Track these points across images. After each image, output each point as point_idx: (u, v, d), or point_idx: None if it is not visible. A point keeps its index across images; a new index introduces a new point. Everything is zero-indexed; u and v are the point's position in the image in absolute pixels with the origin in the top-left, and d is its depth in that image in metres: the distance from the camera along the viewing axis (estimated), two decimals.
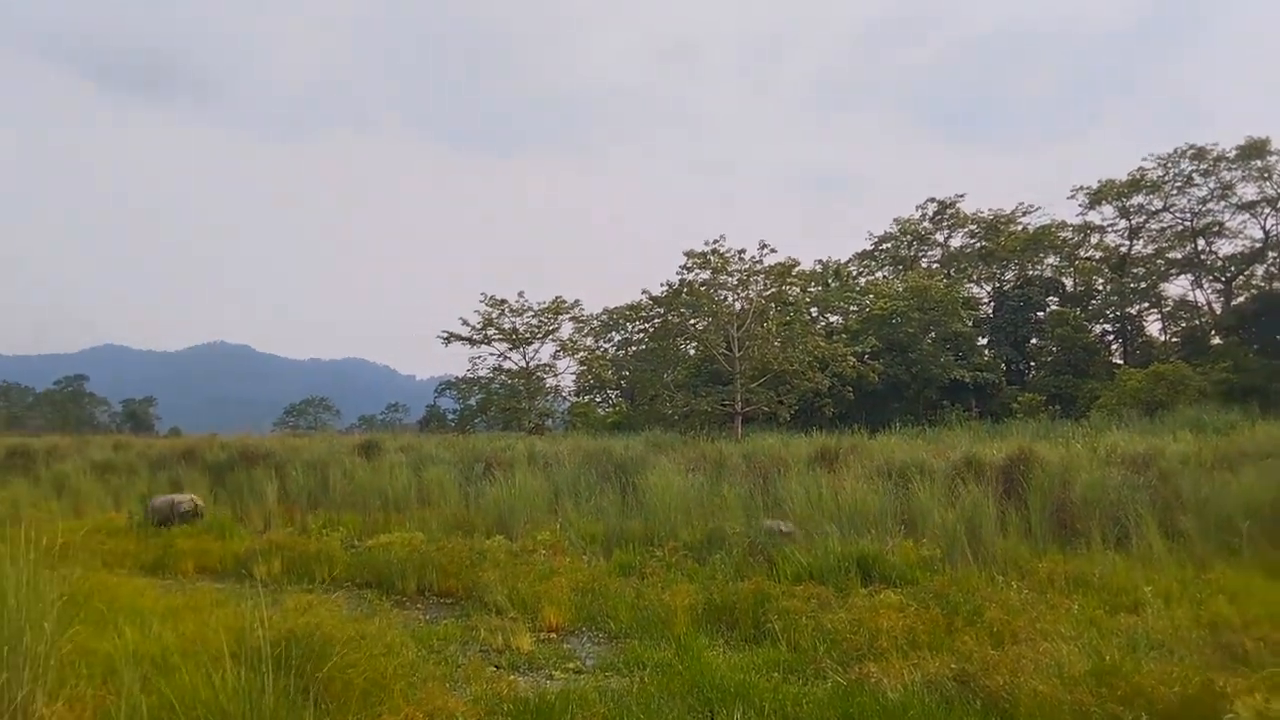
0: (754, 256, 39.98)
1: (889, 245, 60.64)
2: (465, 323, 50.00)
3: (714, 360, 42.06)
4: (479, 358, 51.45)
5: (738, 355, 39.29)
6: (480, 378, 52.43)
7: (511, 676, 6.92)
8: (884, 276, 58.25)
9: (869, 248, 61.41)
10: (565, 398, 58.14)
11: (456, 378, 54.19)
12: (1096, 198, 51.52)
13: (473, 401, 53.80)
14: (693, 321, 43.16)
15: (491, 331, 50.18)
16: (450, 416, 60.84)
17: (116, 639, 6.39)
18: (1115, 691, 5.46)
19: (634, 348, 58.92)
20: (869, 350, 43.03)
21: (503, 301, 49.50)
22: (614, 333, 62.26)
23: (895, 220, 60.03)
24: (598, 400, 62.86)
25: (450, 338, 50.49)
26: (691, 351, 47.81)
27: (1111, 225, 52.74)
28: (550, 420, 53.65)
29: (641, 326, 55.90)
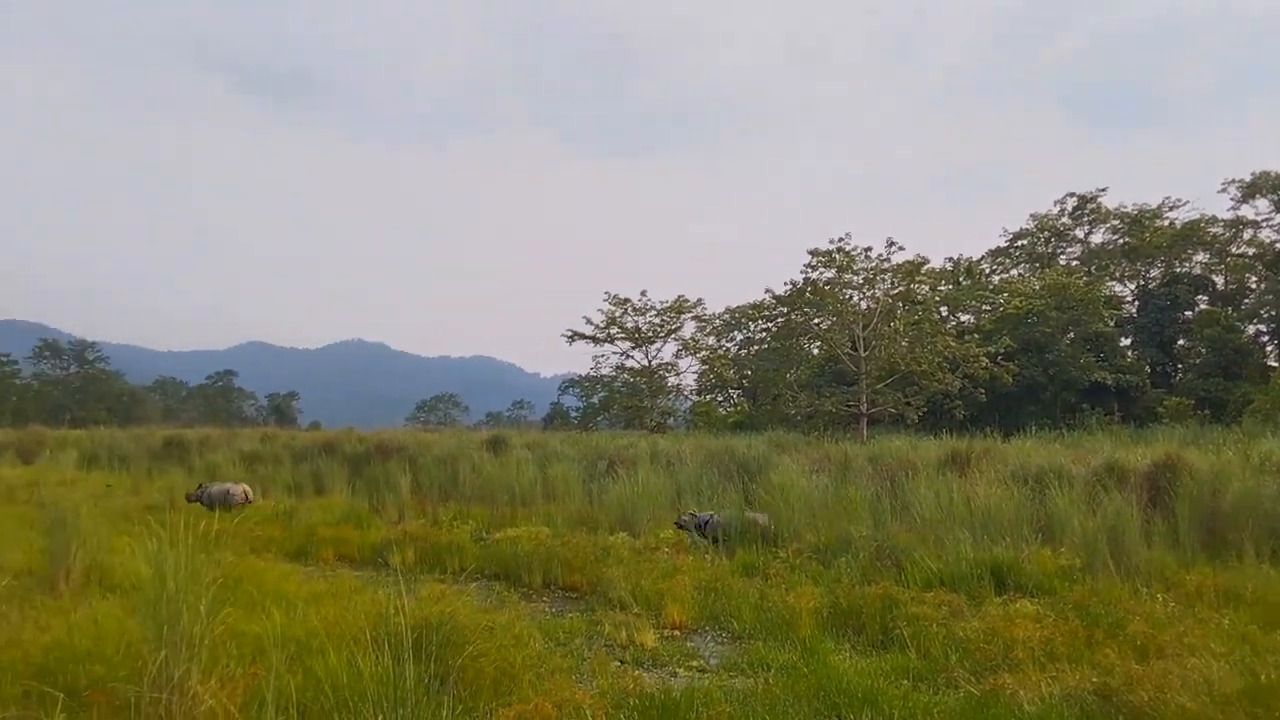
0: (881, 254, 39.10)
1: (1025, 242, 58.24)
2: (589, 322, 50.67)
3: (838, 360, 41.36)
4: (602, 356, 52.05)
5: (863, 355, 38.52)
6: (603, 376, 53.02)
7: (636, 672, 6.97)
8: (1019, 274, 55.93)
9: (1003, 244, 59.12)
10: (687, 397, 58.20)
11: (580, 376, 54.99)
12: (1250, 191, 48.30)
13: (595, 399, 54.47)
14: (816, 321, 42.51)
15: (614, 330, 50.67)
16: (573, 414, 61.72)
17: (265, 622, 6.74)
18: (1273, 713, 5.12)
19: (756, 347, 58.51)
20: (1002, 351, 41.38)
21: (625, 300, 49.90)
22: (736, 332, 61.98)
23: (1032, 216, 57.64)
24: (719, 399, 62.70)
25: (574, 336, 51.25)
26: (815, 351, 47.09)
27: (1267, 220, 49.27)
28: (672, 419, 53.78)
29: (764, 326, 55.45)
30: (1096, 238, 56.11)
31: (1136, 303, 52.23)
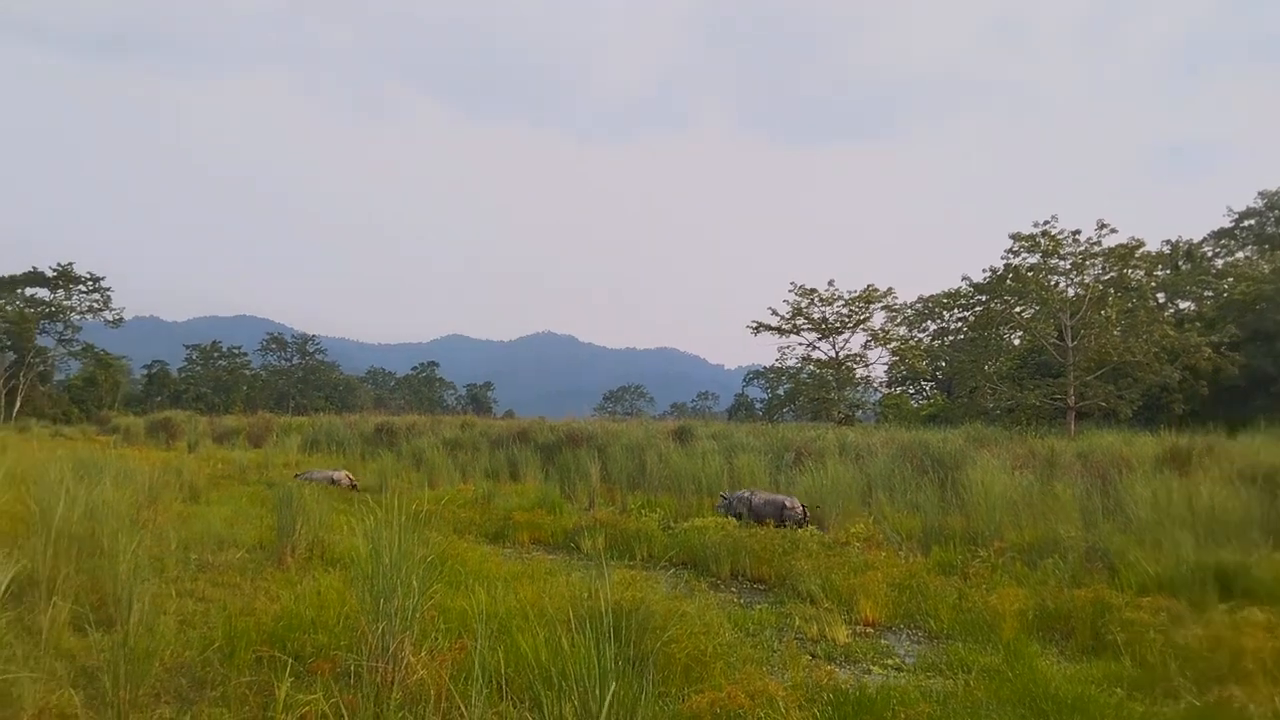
0: (1090, 238, 36.69)
1: (1252, 222, 53.05)
2: (774, 313, 50.27)
3: (1042, 350, 39.23)
4: (787, 347, 51.57)
5: (1071, 345, 36.35)
6: (788, 368, 52.52)
7: (828, 666, 6.84)
8: (1246, 257, 51.06)
9: (1228, 225, 54.12)
10: (876, 389, 56.80)
11: (765, 367, 54.74)
12: None
13: (780, 391, 54.03)
14: (1019, 309, 40.44)
15: (800, 321, 50.06)
16: (758, 405, 61.46)
17: (469, 599, 7.07)
18: None
19: (951, 337, 56.31)
20: (1227, 340, 37.94)
21: (812, 291, 49.18)
22: (929, 322, 59.85)
23: (1260, 194, 52.44)
24: (911, 392, 60.79)
25: (759, 328, 50.98)
26: (1016, 341, 44.84)
27: None
28: (860, 412, 52.62)
29: (960, 315, 53.29)
30: None
31: None
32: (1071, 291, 37.74)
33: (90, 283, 75.72)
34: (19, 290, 74.21)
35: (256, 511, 12.95)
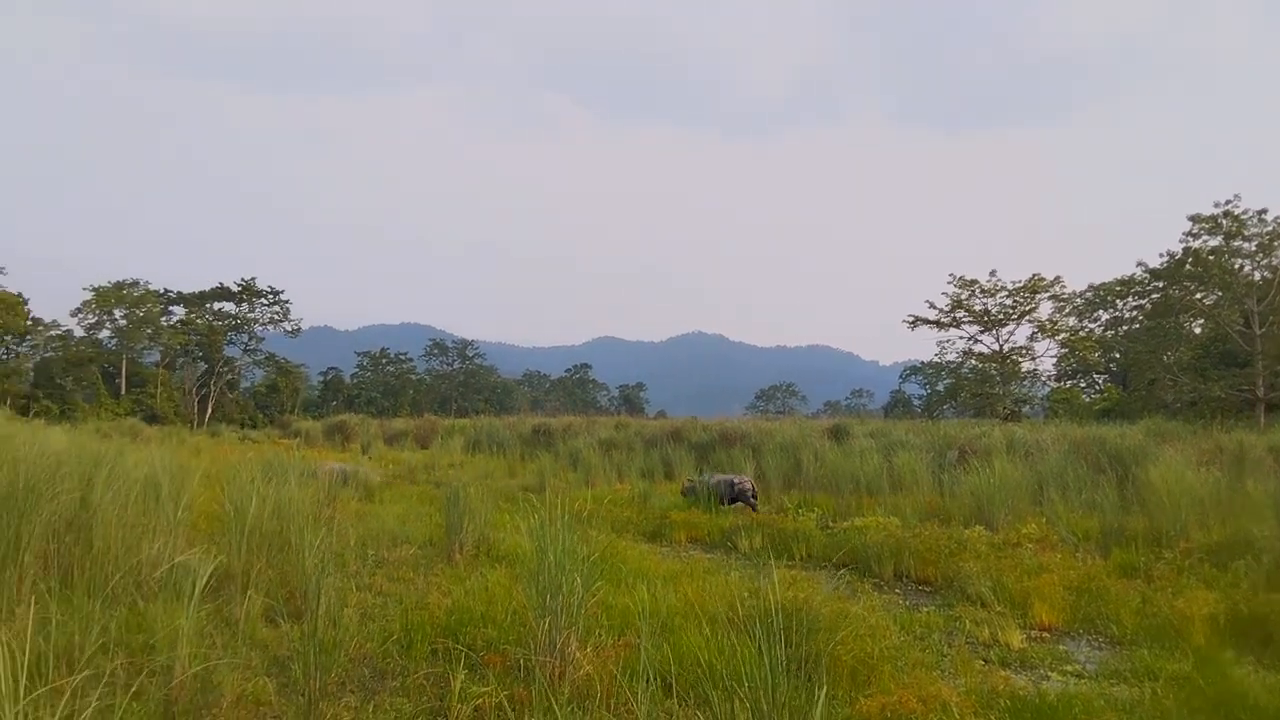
0: (1279, 217, 33.85)
1: None
2: (932, 306, 48.68)
3: (1227, 339, 36.43)
4: (947, 341, 49.87)
5: (1258, 333, 33.65)
6: (948, 362, 50.78)
7: (1003, 672, 6.55)
8: None
9: None
10: (1044, 382, 54.14)
11: (922, 363, 53.07)
12: None
13: (940, 387, 52.28)
14: (1199, 295, 37.71)
15: (961, 314, 48.30)
16: (916, 402, 59.68)
17: (630, 597, 7.15)
18: None
19: (1126, 327, 53.01)
20: None
21: (973, 282, 47.35)
22: (1101, 311, 56.51)
23: None
24: (1082, 385, 57.64)
25: (916, 322, 49.49)
26: (1198, 329, 41.80)
27: None
28: (1027, 407, 50.29)
29: (1136, 303, 50.09)
30: None
31: None
32: (1258, 275, 34.91)
33: (270, 296, 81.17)
34: (208, 305, 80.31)
35: (425, 510, 13.49)
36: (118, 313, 74.11)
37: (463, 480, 13.57)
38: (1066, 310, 51.77)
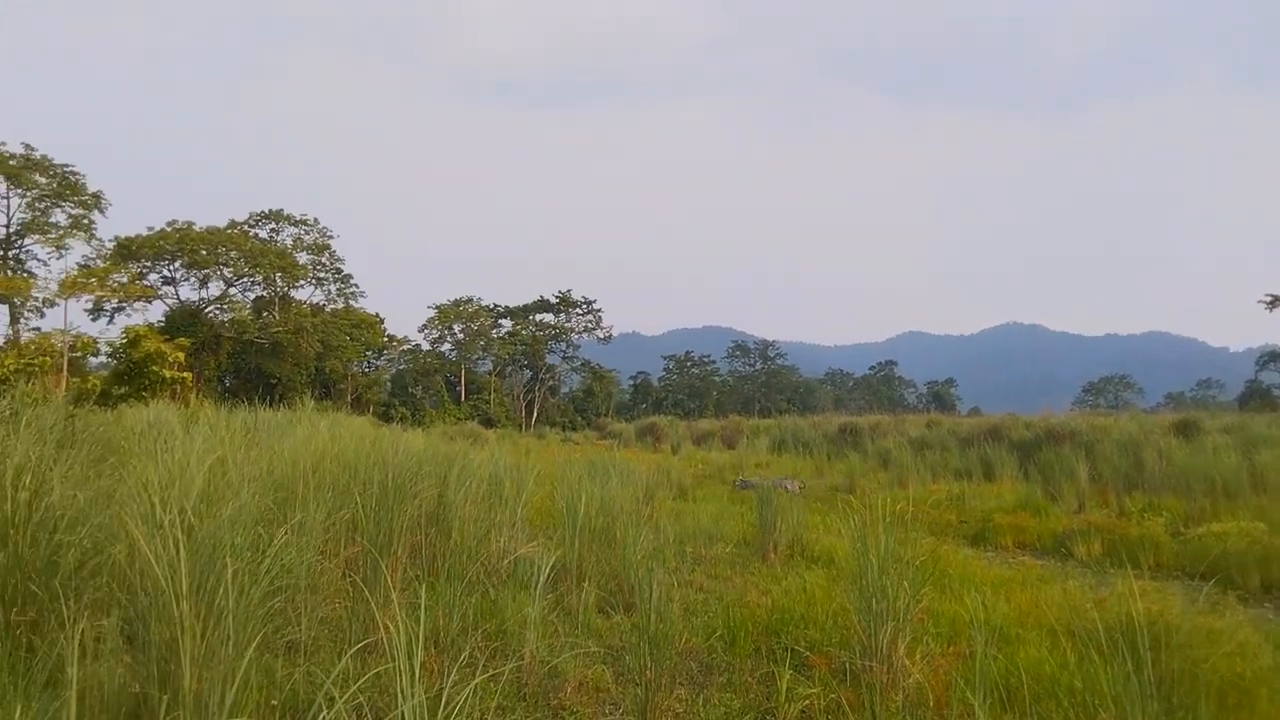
0: None
1: None
2: None
3: None
4: None
5: None
6: None
7: None
8: None
9: None
10: None
11: None
12: None
13: None
14: None
15: None
16: (1277, 392, 52.25)
17: (958, 604, 6.83)
18: None
19: None
20: None
21: None
22: None
23: None
24: None
25: (1275, 301, 43.34)
26: None
27: None
28: None
29: None
30: None
31: None
32: None
33: (585, 306, 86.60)
34: (530, 317, 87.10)
35: (737, 509, 13.70)
36: (456, 327, 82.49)
37: (771, 480, 13.64)
38: None
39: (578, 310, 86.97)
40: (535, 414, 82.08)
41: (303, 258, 68.16)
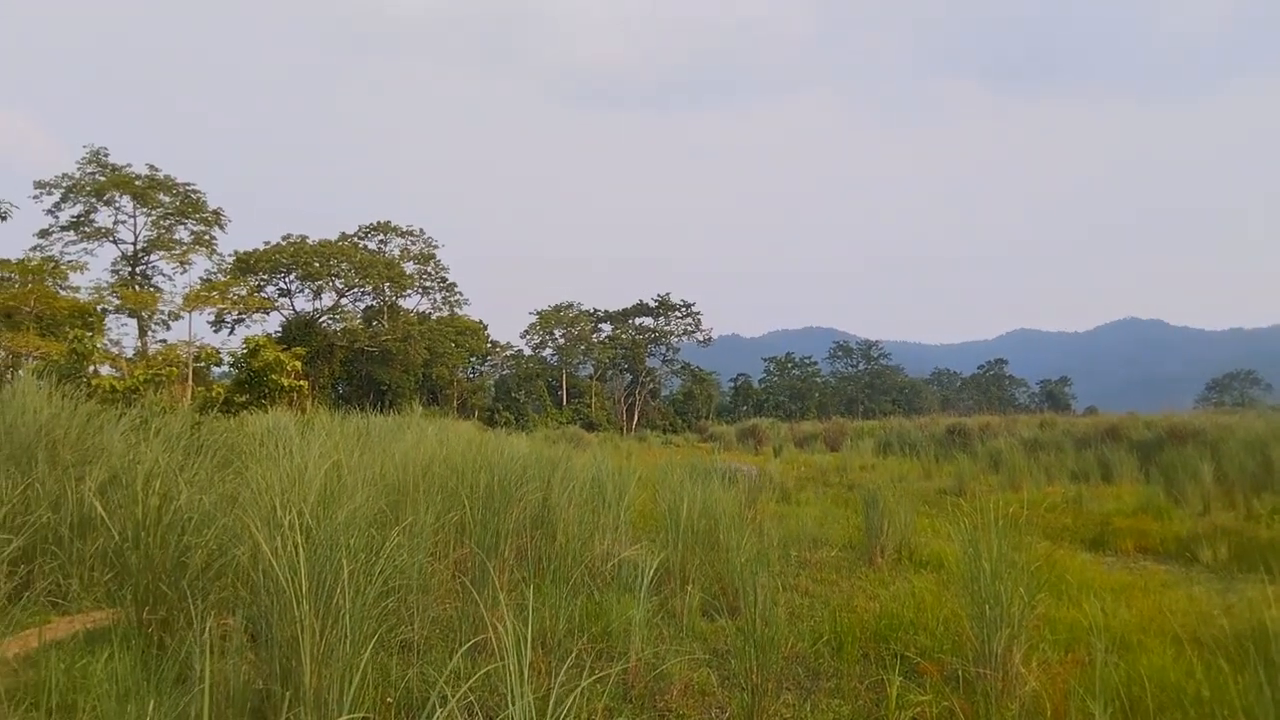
0: None
1: None
2: None
3: None
4: None
5: None
6: None
7: None
8: None
9: None
10: None
11: None
12: None
13: None
14: None
15: None
16: None
17: (1075, 610, 6.59)
18: None
19: None
20: None
21: None
22: None
23: None
24: None
25: None
26: None
27: None
28: None
29: None
30: None
31: None
32: None
33: (684, 309, 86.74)
34: (630, 320, 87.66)
35: (842, 513, 13.50)
36: (557, 332, 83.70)
37: (877, 483, 13.39)
38: None
39: (677, 313, 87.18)
40: (636, 417, 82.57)
41: (409, 267, 70.22)
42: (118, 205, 52.45)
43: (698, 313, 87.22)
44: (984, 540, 5.37)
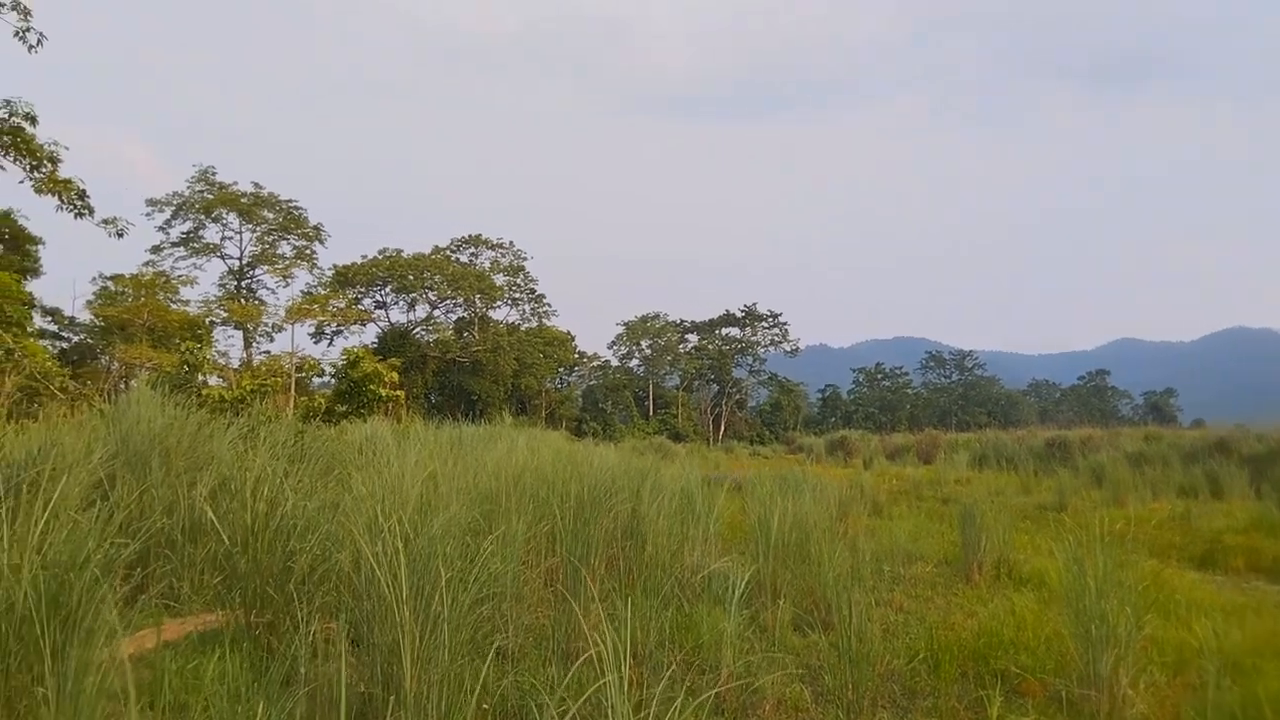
0: None
1: None
2: None
3: None
4: None
5: None
6: None
7: None
8: None
9: None
10: None
11: None
12: None
13: None
14: None
15: None
16: None
17: (1183, 631, 6.31)
18: None
19: None
20: None
21: None
22: None
23: None
24: None
25: None
26: None
27: None
28: None
29: None
30: None
31: None
32: None
33: (770, 319, 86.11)
34: (716, 331, 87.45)
35: (936, 527, 13.21)
36: (644, 343, 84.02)
37: (973, 497, 13.05)
38: None
39: (763, 323, 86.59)
40: (723, 428, 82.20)
41: (499, 279, 71.38)
42: (225, 222, 54.83)
43: (785, 323, 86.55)
44: (1088, 557, 5.20)
